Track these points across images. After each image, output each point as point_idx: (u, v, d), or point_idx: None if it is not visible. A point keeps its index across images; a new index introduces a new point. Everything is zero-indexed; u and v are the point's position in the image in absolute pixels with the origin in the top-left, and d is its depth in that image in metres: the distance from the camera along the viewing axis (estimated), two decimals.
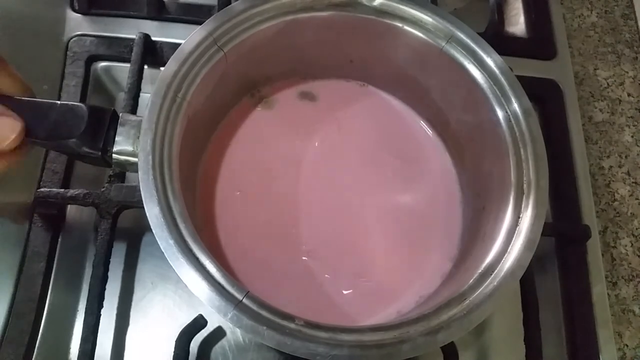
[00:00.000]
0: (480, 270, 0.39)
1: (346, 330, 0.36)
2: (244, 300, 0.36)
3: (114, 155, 0.40)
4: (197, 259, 0.37)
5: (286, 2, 0.46)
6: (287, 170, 0.51)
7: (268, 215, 0.49)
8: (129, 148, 0.40)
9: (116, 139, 0.40)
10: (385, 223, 0.51)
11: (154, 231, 0.37)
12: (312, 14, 0.47)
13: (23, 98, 0.38)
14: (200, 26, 0.44)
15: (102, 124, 0.40)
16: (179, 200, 0.39)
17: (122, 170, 0.51)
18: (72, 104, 0.39)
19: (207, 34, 0.43)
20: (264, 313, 0.36)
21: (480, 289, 0.38)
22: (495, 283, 0.38)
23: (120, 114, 0.41)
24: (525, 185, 0.42)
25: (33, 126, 0.37)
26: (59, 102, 0.39)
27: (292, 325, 0.35)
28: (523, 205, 0.41)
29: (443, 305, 0.38)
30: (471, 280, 0.39)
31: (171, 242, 0.37)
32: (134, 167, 0.40)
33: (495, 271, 0.39)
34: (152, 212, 0.37)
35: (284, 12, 0.46)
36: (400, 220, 0.51)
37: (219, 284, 0.36)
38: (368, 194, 0.51)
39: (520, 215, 0.41)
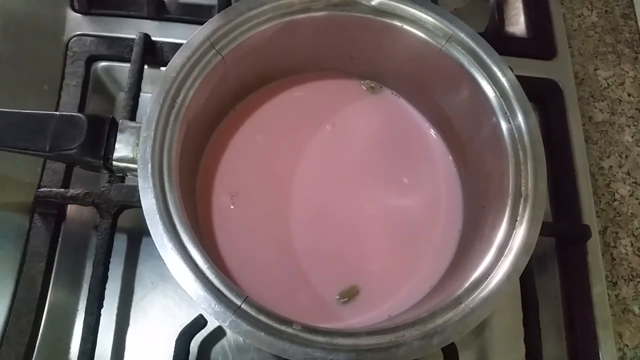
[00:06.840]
0: (476, 274, 0.40)
1: (343, 335, 0.36)
2: (243, 306, 0.36)
3: (114, 163, 0.40)
4: (196, 265, 0.37)
5: (283, 3, 0.46)
6: (285, 171, 0.51)
7: (265, 215, 0.50)
8: (130, 155, 0.40)
9: (116, 146, 0.40)
10: (385, 225, 0.50)
11: (154, 239, 0.37)
12: (309, 14, 0.46)
13: (22, 111, 0.38)
14: (197, 31, 0.43)
15: (102, 132, 0.40)
16: (179, 207, 0.39)
17: (124, 176, 0.51)
18: (70, 115, 0.39)
19: (204, 38, 0.43)
20: (262, 318, 0.36)
21: (476, 293, 0.39)
22: (490, 287, 0.39)
23: (120, 121, 0.41)
24: (523, 188, 0.42)
25: (33, 140, 0.38)
26: (57, 113, 0.39)
27: (289, 330, 0.36)
28: (521, 208, 0.41)
29: (439, 309, 0.38)
30: (467, 284, 0.39)
31: (172, 251, 0.37)
32: (135, 173, 0.40)
33: (491, 275, 0.39)
34: (153, 221, 0.38)
35: (282, 14, 0.46)
36: (400, 221, 0.51)
37: (218, 290, 0.36)
38: (369, 194, 0.51)
39: (518, 218, 0.41)
